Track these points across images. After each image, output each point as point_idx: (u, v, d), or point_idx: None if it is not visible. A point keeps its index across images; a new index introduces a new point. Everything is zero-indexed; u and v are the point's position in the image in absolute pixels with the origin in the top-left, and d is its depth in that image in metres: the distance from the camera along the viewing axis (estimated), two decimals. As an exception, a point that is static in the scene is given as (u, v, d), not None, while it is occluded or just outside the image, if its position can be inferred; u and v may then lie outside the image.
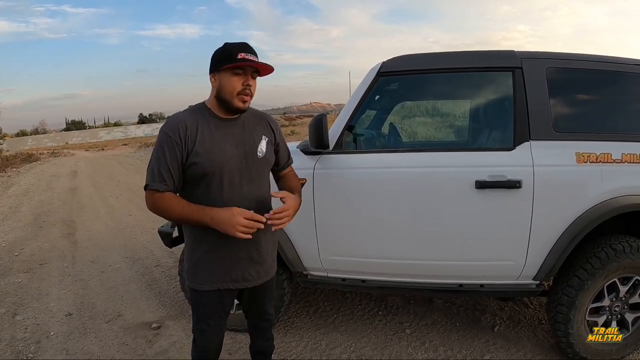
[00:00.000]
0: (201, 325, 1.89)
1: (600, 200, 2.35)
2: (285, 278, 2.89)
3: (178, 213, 1.65)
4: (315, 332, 3.08)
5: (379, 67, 2.65)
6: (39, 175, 14.89)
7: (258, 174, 1.80)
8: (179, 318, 3.37)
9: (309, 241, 2.70)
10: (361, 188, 2.61)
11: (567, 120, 2.51)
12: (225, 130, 1.74)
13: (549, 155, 2.40)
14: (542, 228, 2.40)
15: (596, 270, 2.38)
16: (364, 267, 2.71)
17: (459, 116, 4.29)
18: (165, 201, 1.64)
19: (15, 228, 6.68)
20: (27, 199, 9.50)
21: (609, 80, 2.56)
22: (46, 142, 44.18)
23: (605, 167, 2.36)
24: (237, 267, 1.80)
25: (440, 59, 2.67)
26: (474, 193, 2.41)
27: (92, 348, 2.99)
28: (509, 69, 2.53)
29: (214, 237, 1.71)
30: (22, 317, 3.52)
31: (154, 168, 1.66)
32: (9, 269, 4.70)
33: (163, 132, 1.67)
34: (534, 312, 3.25)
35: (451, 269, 2.59)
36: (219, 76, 1.69)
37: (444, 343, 2.88)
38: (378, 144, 3.34)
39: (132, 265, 4.67)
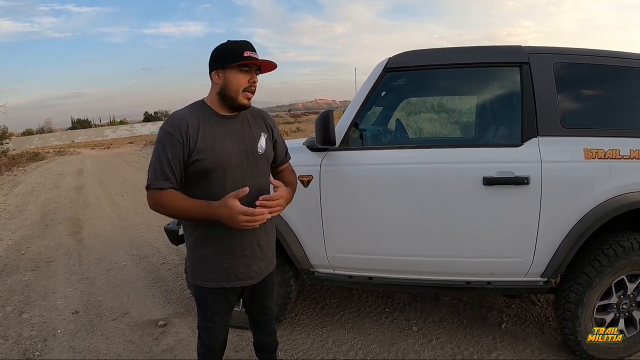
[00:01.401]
0: (207, 323, 1.90)
1: (608, 197, 2.33)
2: (291, 275, 2.89)
3: (182, 209, 1.64)
4: (321, 329, 3.08)
5: (385, 63, 2.64)
6: (45, 174, 14.97)
7: (259, 170, 1.81)
8: (186, 315, 3.38)
9: (316, 238, 2.70)
10: (368, 184, 2.60)
11: (575, 116, 2.49)
12: (226, 127, 1.74)
13: (557, 151, 2.38)
14: (549, 225, 2.38)
15: (604, 268, 2.36)
16: (371, 264, 2.70)
17: (466, 112, 4.27)
18: (169, 198, 1.63)
19: (22, 226, 6.72)
20: (34, 198, 9.55)
21: (617, 75, 2.53)
22: (52, 140, 44.40)
23: (613, 163, 2.34)
24: (241, 264, 1.80)
25: (447, 54, 2.65)
26: (482, 189, 2.39)
27: (98, 346, 3.00)
28: (516, 64, 2.51)
29: (217, 235, 1.73)
30: (29, 315, 3.54)
31: (155, 167, 1.65)
32: (15, 267, 4.73)
33: (164, 129, 1.66)
34: (541, 310, 3.23)
35: (458, 266, 2.57)
36: (225, 73, 1.69)
37: (451, 340, 2.87)
38: (384, 140, 3.33)
39: (138, 263, 4.69)
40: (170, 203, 1.63)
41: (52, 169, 16.54)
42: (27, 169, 17.00)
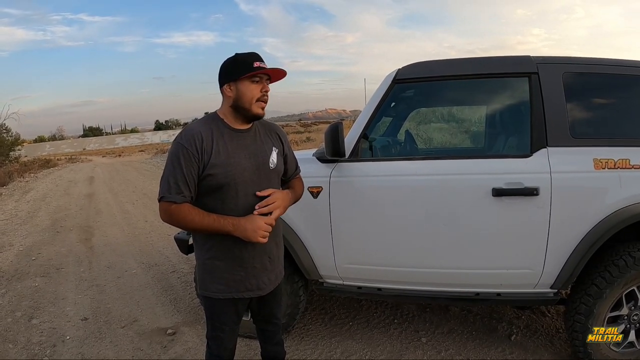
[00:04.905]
0: (216, 332, 1.90)
1: (618, 207, 2.30)
2: (300, 285, 2.89)
3: (197, 223, 1.65)
4: (330, 339, 3.07)
5: (394, 74, 2.65)
6: (57, 180, 15.13)
7: (270, 184, 1.82)
8: (195, 324, 3.38)
9: (325, 249, 2.70)
10: (377, 196, 2.60)
11: (584, 126, 2.48)
12: (239, 142, 1.76)
13: (567, 161, 2.37)
14: (559, 236, 2.36)
15: (615, 279, 2.34)
16: (380, 275, 2.69)
17: (476, 122, 4.26)
18: (184, 212, 1.65)
19: (33, 233, 6.79)
20: (45, 204, 9.65)
21: (626, 84, 2.51)
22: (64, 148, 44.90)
23: (623, 173, 2.32)
24: (252, 276, 1.81)
25: (456, 65, 2.65)
26: (491, 201, 2.38)
27: (107, 353, 3.02)
28: (525, 74, 2.50)
29: (229, 247, 1.74)
30: (38, 320, 3.57)
31: (169, 179, 1.65)
32: (26, 273, 4.77)
33: (178, 143, 1.68)
34: (551, 321, 3.20)
35: (468, 277, 2.56)
36: (237, 85, 1.71)
37: (460, 352, 2.84)
38: (394, 151, 3.33)
39: (148, 271, 4.71)
40: (186, 217, 1.65)
41: (63, 176, 16.72)
42: (38, 176, 17.20)
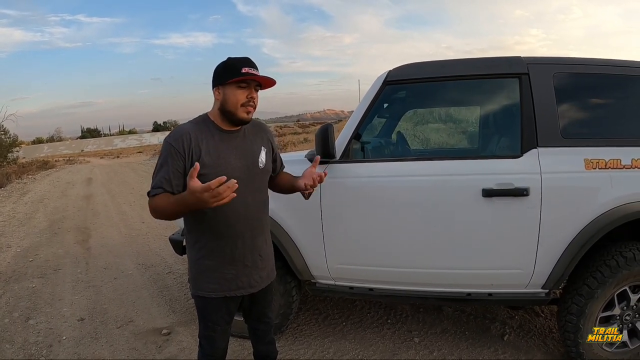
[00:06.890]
0: (208, 332, 1.92)
1: (609, 207, 2.31)
2: (294, 286, 2.91)
3: (168, 207, 1.62)
4: (323, 340, 3.08)
5: (385, 75, 2.66)
6: (55, 182, 15.12)
7: (259, 183, 1.87)
8: (189, 324, 3.40)
9: (317, 249, 2.71)
10: (368, 197, 2.61)
11: (575, 126, 2.49)
12: (229, 142, 1.78)
13: (557, 162, 2.38)
14: (550, 236, 2.37)
15: (606, 279, 2.35)
16: (371, 276, 2.70)
17: (468, 123, 4.27)
18: (157, 202, 1.65)
19: (31, 234, 6.80)
20: (43, 206, 9.66)
21: (617, 84, 2.52)
22: (62, 149, 44.86)
23: (614, 173, 2.33)
24: (243, 274, 1.84)
25: (447, 66, 2.65)
26: (481, 201, 2.40)
27: (103, 353, 3.03)
28: (515, 75, 2.51)
29: (219, 246, 1.77)
30: (35, 321, 3.58)
31: (156, 177, 1.69)
32: (23, 274, 4.78)
33: (167, 142, 1.70)
34: (544, 321, 3.21)
35: (459, 277, 2.57)
36: (224, 89, 1.73)
37: (453, 352, 2.85)
38: (385, 152, 3.34)
39: (144, 272, 4.72)
40: (160, 206, 1.64)
41: (61, 178, 16.71)
42: (36, 177, 17.20)
